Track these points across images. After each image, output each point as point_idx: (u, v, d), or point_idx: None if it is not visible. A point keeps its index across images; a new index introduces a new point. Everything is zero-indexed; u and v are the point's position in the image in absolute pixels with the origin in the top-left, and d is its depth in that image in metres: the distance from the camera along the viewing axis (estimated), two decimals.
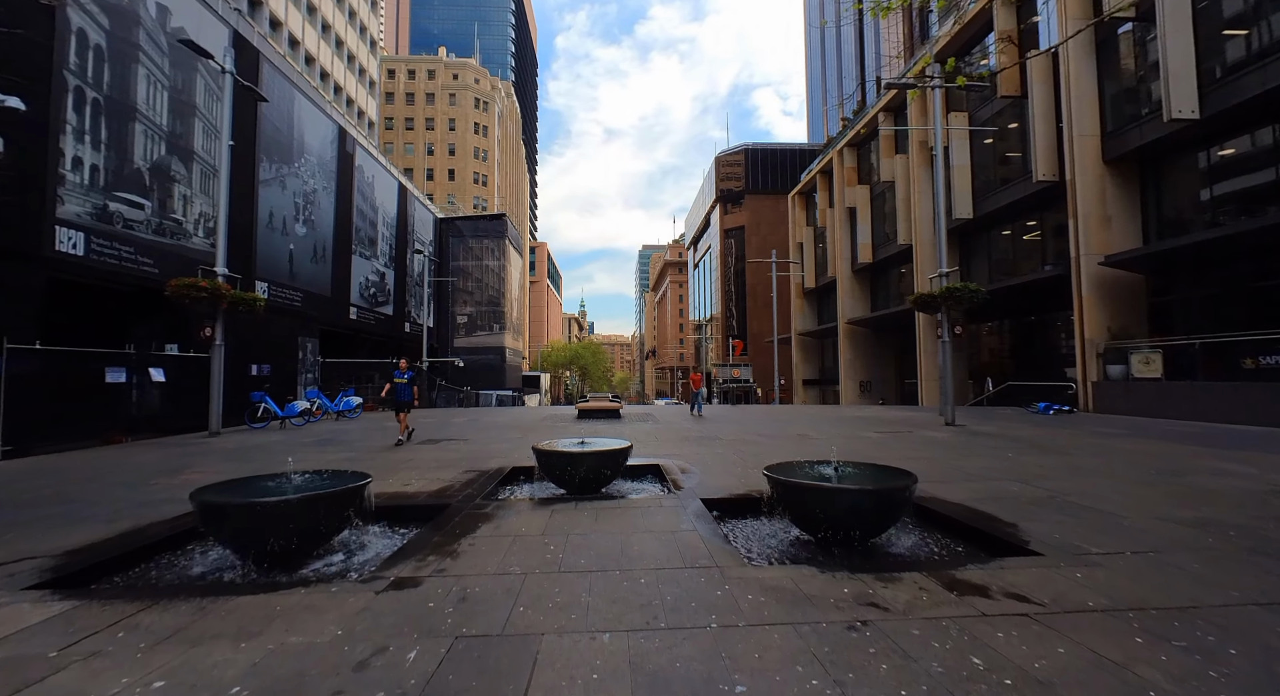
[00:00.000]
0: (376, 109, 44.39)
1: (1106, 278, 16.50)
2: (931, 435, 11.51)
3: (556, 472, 6.71)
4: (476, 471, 7.92)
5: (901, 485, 4.55)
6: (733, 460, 8.51)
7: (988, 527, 4.71)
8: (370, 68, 43.66)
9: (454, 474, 7.72)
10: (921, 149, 25.18)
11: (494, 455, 9.31)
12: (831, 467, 5.25)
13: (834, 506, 4.48)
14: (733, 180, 66.88)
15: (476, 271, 36.56)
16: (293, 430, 14.08)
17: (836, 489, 4.57)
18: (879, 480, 4.88)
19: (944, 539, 4.93)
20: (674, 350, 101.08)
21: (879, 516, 4.57)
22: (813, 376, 41.17)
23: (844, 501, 4.47)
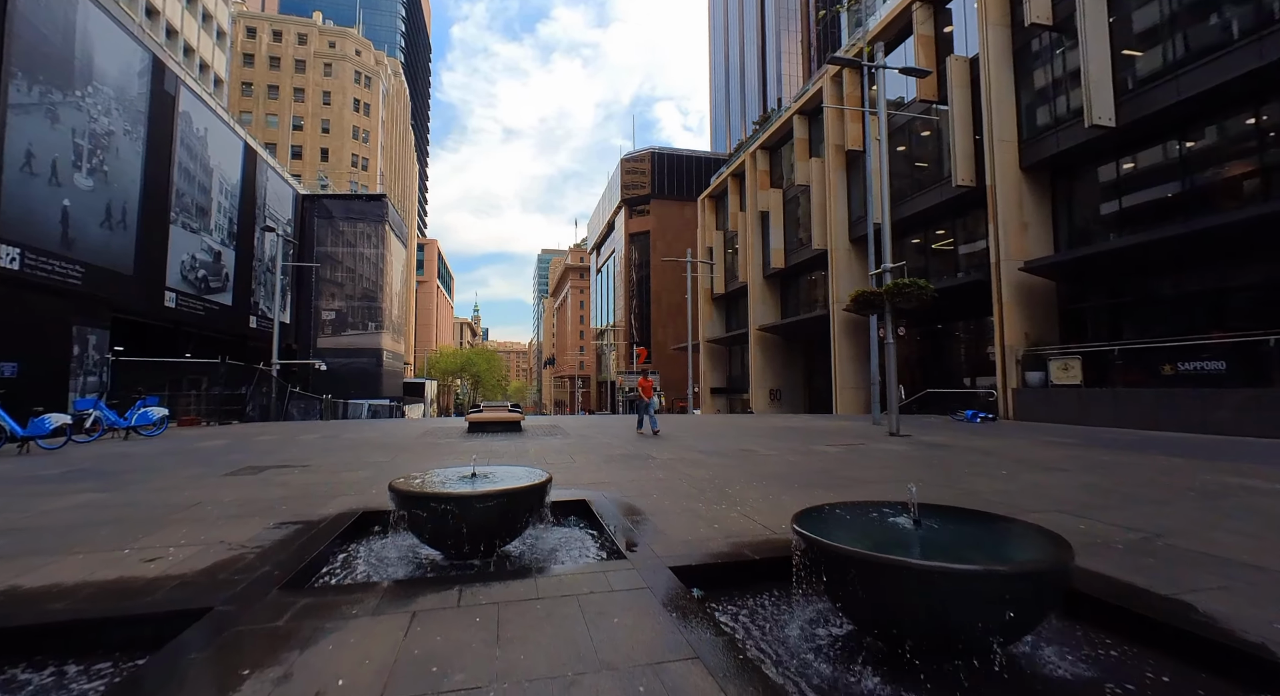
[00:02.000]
0: (226, 66, 37.39)
1: (1024, 284, 16.41)
2: (890, 448, 9.99)
3: (431, 527, 4.01)
4: (299, 522, 4.93)
5: (1055, 561, 2.43)
6: (684, 489, 6.19)
7: (1159, 615, 2.75)
8: (219, 15, 36.84)
9: (258, 529, 4.69)
10: (838, 153, 24.87)
11: (340, 491, 6.27)
12: (905, 517, 3.07)
13: (952, 602, 2.29)
14: (638, 186, 65.80)
15: (348, 260, 31.47)
16: (38, 455, 9.76)
17: (953, 571, 2.34)
18: (1001, 546, 2.77)
19: (1105, 638, 2.89)
20: (574, 358, 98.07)
21: (1022, 617, 2.44)
22: (721, 385, 40.39)
23: (974, 593, 2.28)
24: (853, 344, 24.18)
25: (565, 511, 5.57)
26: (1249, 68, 11.95)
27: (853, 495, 5.83)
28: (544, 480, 4.38)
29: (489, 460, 8.59)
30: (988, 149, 17.08)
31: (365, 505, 5.50)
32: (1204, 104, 13.13)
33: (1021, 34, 16.97)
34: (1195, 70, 12.87)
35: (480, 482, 4.52)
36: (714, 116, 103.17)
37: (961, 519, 3.08)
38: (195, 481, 6.96)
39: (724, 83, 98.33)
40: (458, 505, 3.93)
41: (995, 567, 2.30)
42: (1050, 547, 2.58)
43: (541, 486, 4.30)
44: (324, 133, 56.29)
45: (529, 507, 4.26)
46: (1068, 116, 15.61)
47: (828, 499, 5.78)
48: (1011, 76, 17.20)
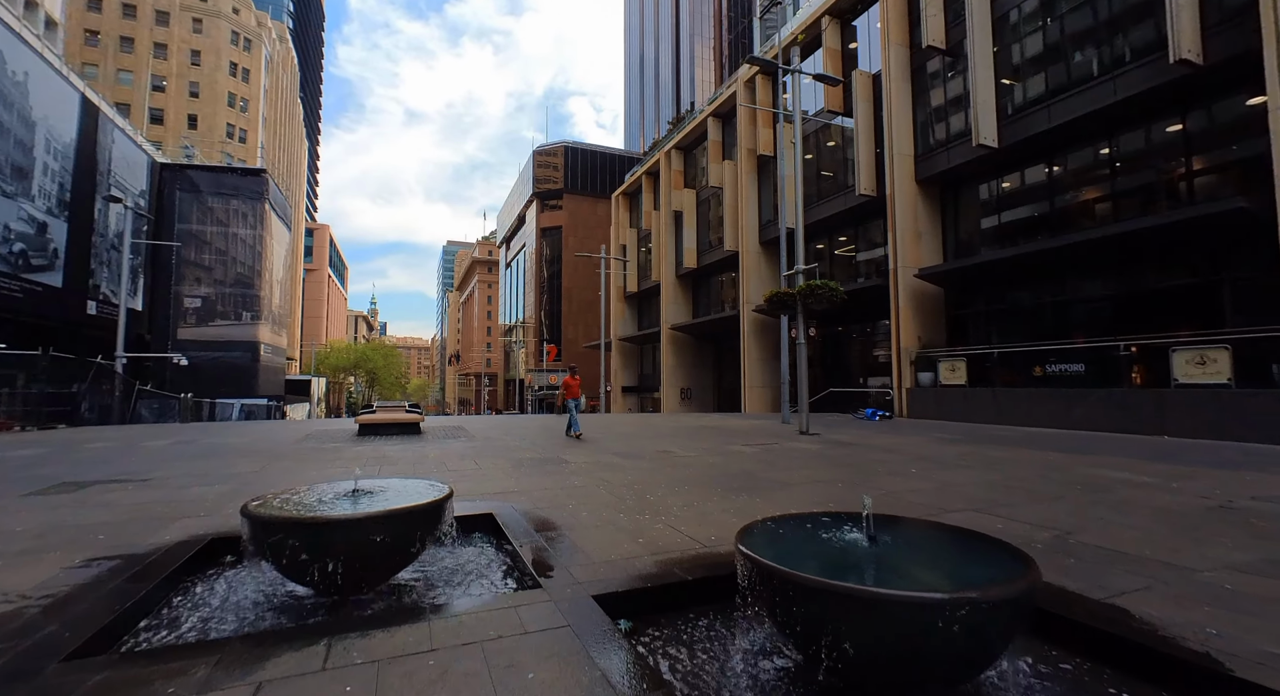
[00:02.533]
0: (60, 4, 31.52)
1: (918, 290, 17.52)
2: (804, 447, 10.09)
3: (297, 559, 3.22)
4: (119, 557, 3.89)
5: (1029, 583, 2.19)
6: (603, 498, 5.70)
7: (1103, 623, 2.65)
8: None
9: (55, 569, 3.61)
10: (750, 156, 25.45)
11: (185, 512, 5.14)
12: (859, 532, 2.77)
13: (926, 635, 2.00)
14: (551, 180, 64.36)
15: (219, 241, 27.71)
16: None
17: (929, 601, 2.03)
18: (963, 564, 2.53)
19: (1052, 651, 2.74)
20: (480, 355, 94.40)
21: (997, 644, 2.21)
22: (632, 383, 40.31)
23: (948, 624, 1.98)
24: (762, 344, 24.86)
25: (469, 527, 4.89)
26: (1105, 102, 13.40)
27: (777, 499, 5.62)
28: (442, 496, 3.70)
29: (380, 469, 7.62)
30: (888, 161, 18.07)
31: (216, 529, 4.50)
32: (1068, 133, 14.60)
33: (919, 55, 18.13)
34: (1063, 101, 14.27)
35: (365, 500, 3.76)
36: (628, 115, 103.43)
37: (916, 533, 2.82)
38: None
39: (638, 83, 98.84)
40: (331, 531, 3.18)
41: (969, 595, 2.00)
42: (1015, 564, 2.35)
43: (438, 504, 3.63)
44: (192, 97, 49.68)
45: (423, 529, 3.57)
46: (957, 135, 16.84)
47: (753, 504, 5.55)
48: (910, 94, 18.33)
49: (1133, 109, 13.35)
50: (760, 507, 5.22)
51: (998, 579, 2.24)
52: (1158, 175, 13.46)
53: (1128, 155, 14.02)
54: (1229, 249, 11.96)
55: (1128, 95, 12.92)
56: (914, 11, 18.14)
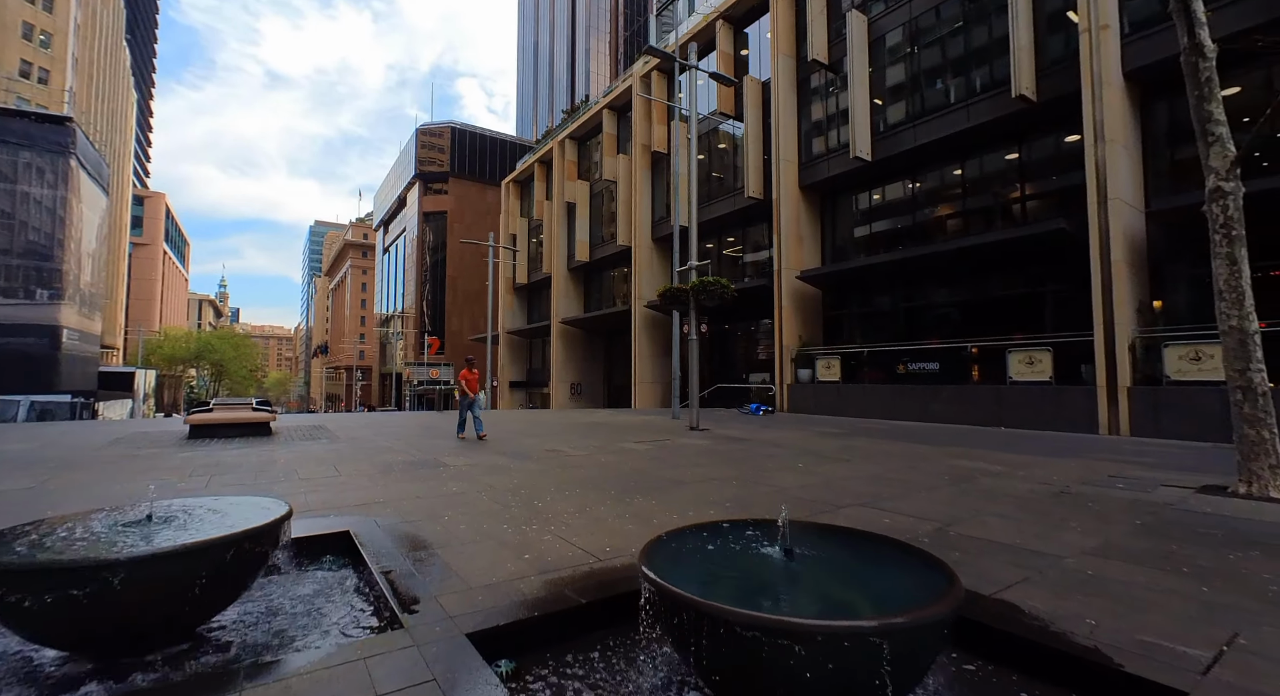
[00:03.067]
0: None
1: (799, 291, 18.46)
2: (695, 443, 10.07)
3: (48, 618, 2.36)
4: None
5: (955, 601, 2.04)
6: (484, 506, 5.10)
7: (996, 621, 2.64)
8: None
9: None
10: (644, 152, 25.44)
11: None
12: (772, 546, 2.52)
13: (853, 665, 1.77)
14: (436, 162, 60.47)
15: (2, 200, 22.39)
16: None
17: (860, 629, 1.79)
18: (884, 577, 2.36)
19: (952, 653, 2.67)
20: (353, 347, 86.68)
21: (925, 665, 2.05)
22: (520, 378, 38.96)
23: (877, 652, 1.76)
24: (653, 340, 25.01)
25: (319, 550, 4.10)
26: (959, 128, 14.89)
27: (674, 500, 5.37)
28: (270, 520, 2.94)
29: (209, 481, 6.36)
30: (774, 167, 18.84)
31: None
32: (929, 153, 16.08)
33: (805, 67, 19.07)
34: (925, 123, 15.67)
35: (161, 531, 2.90)
36: (520, 102, 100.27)
37: (832, 541, 2.61)
38: None
39: (532, 70, 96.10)
40: (90, 580, 2.34)
41: (897, 622, 1.78)
42: (934, 574, 2.20)
43: (266, 531, 2.87)
44: None
45: (243, 563, 2.81)
46: (837, 147, 17.93)
47: (648, 506, 5.25)
48: (795, 104, 19.24)
49: (981, 136, 14.95)
50: (656, 510, 4.93)
51: (920, 593, 2.06)
52: (999, 196, 15.22)
53: (976, 177, 15.70)
54: (1052, 264, 13.77)
55: (978, 123, 14.43)
56: (801, 25, 19.04)
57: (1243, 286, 5.63)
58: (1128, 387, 11.04)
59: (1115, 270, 11.20)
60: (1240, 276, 5.64)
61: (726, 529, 2.73)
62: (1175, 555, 3.75)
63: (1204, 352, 10.23)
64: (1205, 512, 4.88)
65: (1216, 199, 5.78)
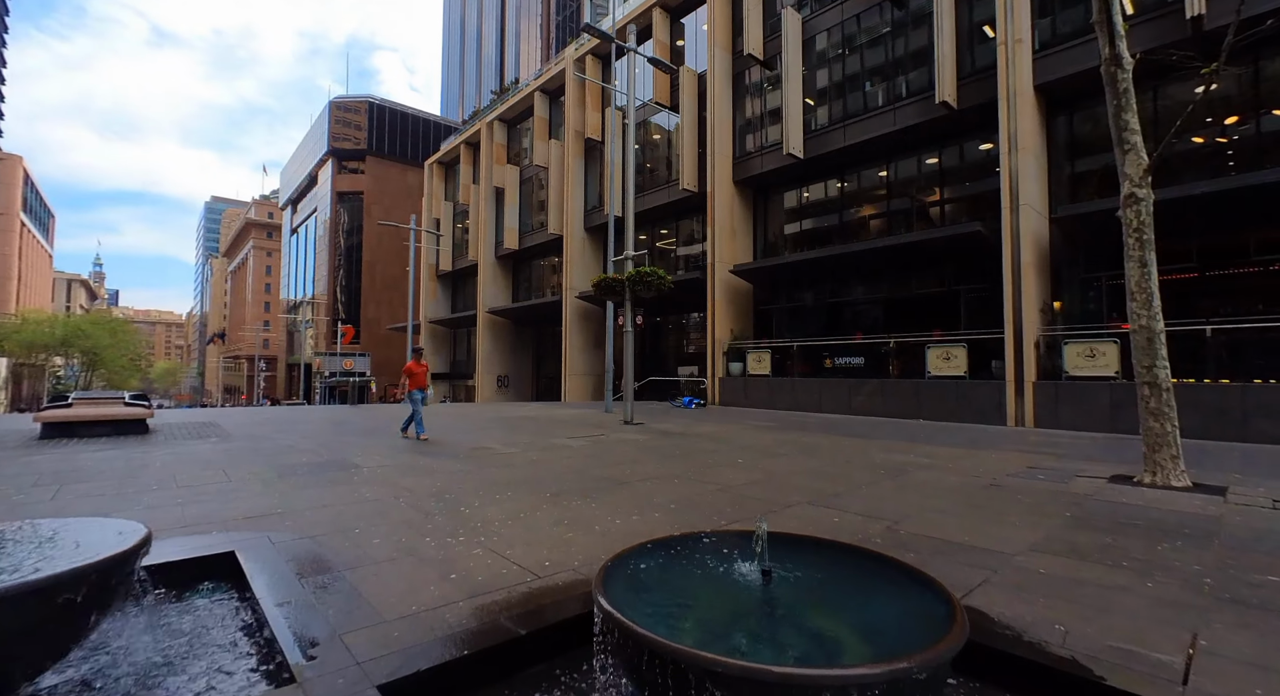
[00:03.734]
0: None
1: (732, 285, 18.57)
2: (631, 438, 9.76)
3: None
4: None
5: (958, 637, 1.81)
6: (402, 515, 4.52)
7: (979, 637, 2.50)
8: None
9: None
10: (578, 139, 24.74)
11: None
12: (747, 562, 2.21)
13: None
14: (352, 139, 56.44)
15: None
16: None
17: (865, 681, 1.52)
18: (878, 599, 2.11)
19: None
20: (255, 334, 79.73)
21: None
22: (443, 369, 37.16)
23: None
24: (584, 332, 24.50)
25: (196, 576, 3.41)
26: (886, 130, 15.42)
27: (617, 502, 5.00)
28: (119, 552, 2.29)
29: (58, 491, 5.32)
30: (709, 160, 18.81)
31: None
32: (858, 153, 16.58)
33: (740, 61, 19.13)
34: (855, 123, 16.11)
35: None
36: (445, 81, 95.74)
37: (810, 557, 2.34)
38: None
39: (458, 50, 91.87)
40: None
41: (904, 666, 1.51)
42: (931, 600, 1.96)
43: (107, 565, 2.23)
44: None
45: (78, 609, 2.16)
46: (770, 144, 18.13)
47: (588, 510, 4.85)
48: (731, 98, 19.27)
49: (906, 139, 15.55)
50: (597, 514, 4.55)
51: (916, 621, 1.81)
52: (920, 198, 15.92)
53: (900, 178, 16.34)
54: (967, 265, 14.56)
55: (904, 126, 14.98)
56: (737, 19, 19.06)
57: (1151, 288, 5.97)
58: (1033, 382, 11.82)
59: (1025, 271, 11.94)
60: (1149, 278, 5.98)
61: (692, 544, 2.40)
62: (1111, 548, 3.82)
63: (1097, 350, 11.10)
64: (1123, 503, 5.12)
65: (1130, 204, 6.10)
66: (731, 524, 4.35)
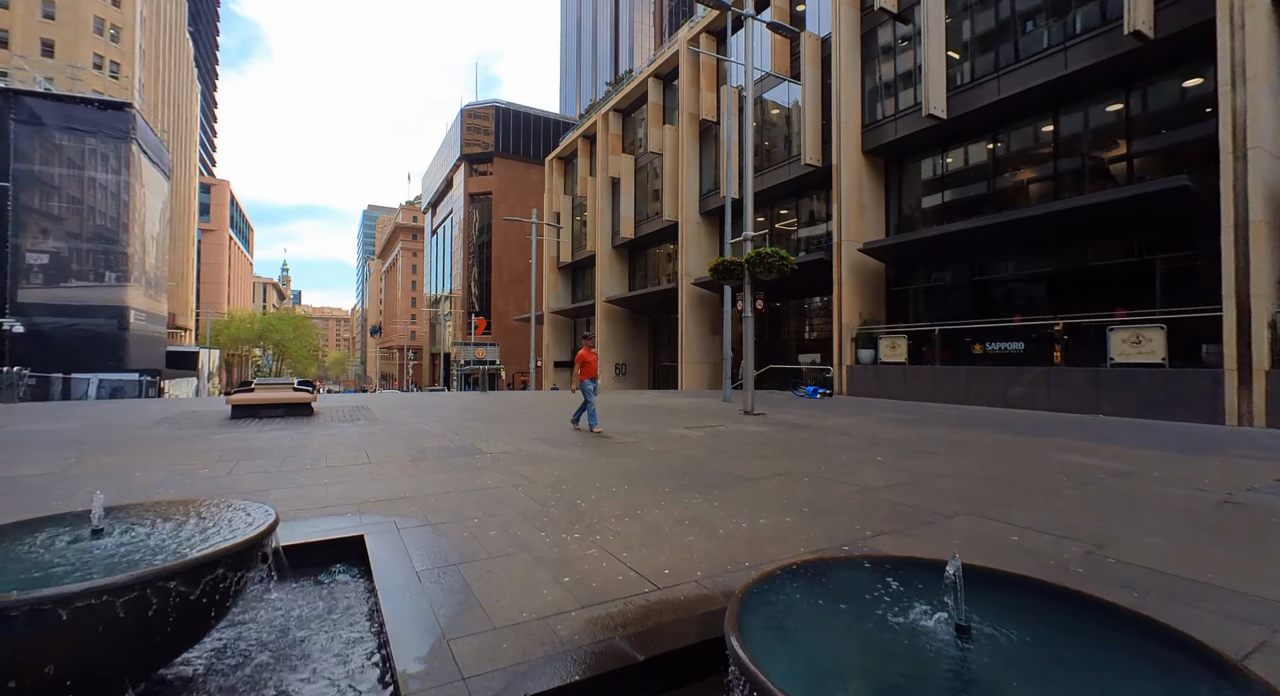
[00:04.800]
0: None
1: (860, 265, 17.07)
2: (752, 430, 9.19)
3: None
4: None
5: None
6: (520, 505, 4.42)
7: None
8: None
9: None
10: (692, 121, 24.16)
11: None
12: (941, 619, 1.64)
13: None
14: (481, 143, 60.40)
15: (71, 186, 23.30)
16: None
17: None
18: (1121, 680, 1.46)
19: None
20: (404, 327, 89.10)
21: None
22: (565, 358, 38.71)
23: None
24: (700, 319, 24.05)
25: (329, 556, 3.52)
26: (1054, 75, 13.09)
27: (739, 500, 4.54)
28: (242, 541, 2.29)
29: (235, 466, 5.95)
30: (835, 130, 17.34)
31: None
32: (1015, 106, 14.30)
33: (870, 18, 17.36)
34: (1013, 72, 13.89)
35: (110, 550, 2.30)
36: (563, 82, 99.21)
37: (1022, 604, 1.73)
38: None
39: (574, 48, 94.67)
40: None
41: None
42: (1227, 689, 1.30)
43: (232, 554, 2.22)
44: (47, 18, 42.05)
45: (209, 596, 2.17)
46: (906, 106, 16.28)
47: (710, 508, 4.43)
48: (859, 60, 17.59)
49: (1080, 84, 13.11)
50: (719, 514, 4.13)
51: None
52: (1096, 154, 13.39)
53: (1069, 133, 13.87)
54: (1164, 229, 12.01)
55: (1077, 68, 12.62)
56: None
57: None
58: (1265, 371, 9.42)
59: (1254, 233, 9.50)
60: None
61: (848, 572, 1.90)
62: None
63: None
64: None
65: None
66: (878, 536, 3.73)
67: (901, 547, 3.50)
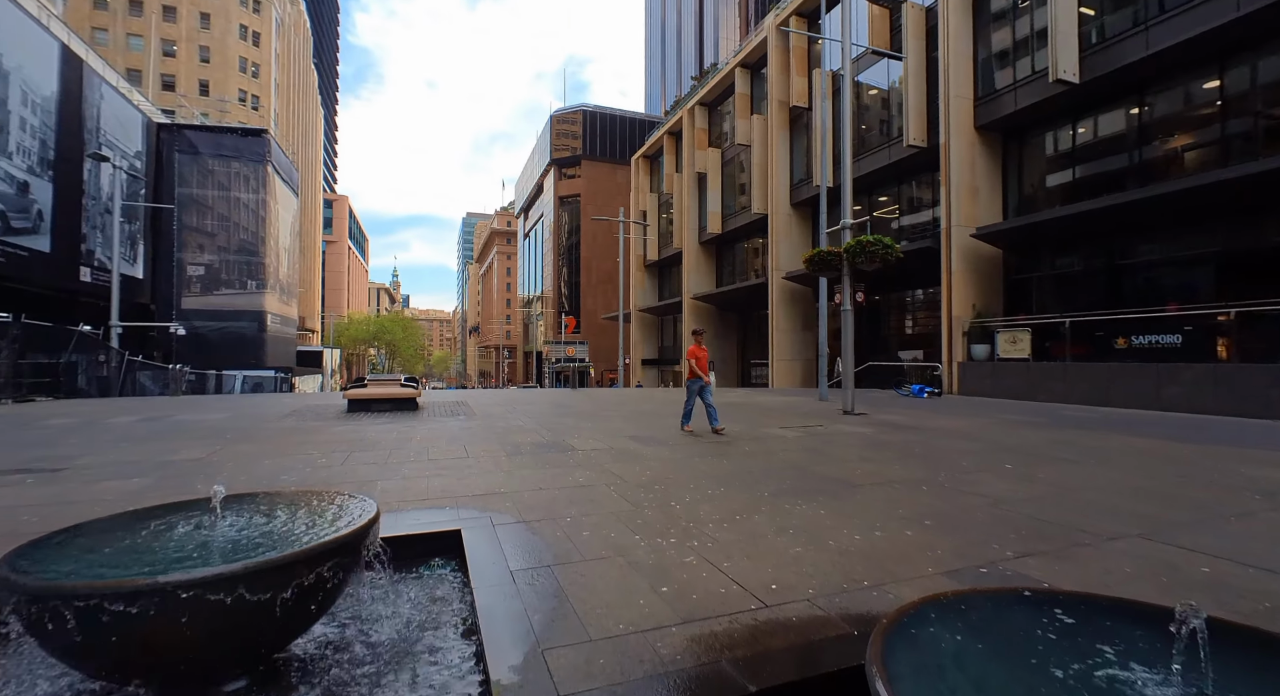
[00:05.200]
0: None
1: (974, 252, 15.59)
2: (853, 431, 8.57)
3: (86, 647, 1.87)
4: None
5: None
6: (613, 505, 4.28)
7: None
8: None
9: None
10: (781, 109, 23.27)
11: (41, 526, 3.84)
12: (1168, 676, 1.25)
13: None
14: (569, 147, 62.06)
15: (221, 205, 26.59)
16: None
17: None
18: None
19: None
20: (499, 327, 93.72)
21: None
22: (652, 356, 38.87)
23: None
24: (791, 314, 23.13)
25: (427, 550, 3.56)
26: (1223, 19, 11.16)
27: (848, 508, 4.14)
28: (348, 533, 2.29)
29: (349, 456, 6.33)
30: (942, 106, 15.94)
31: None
32: (1168, 62, 12.39)
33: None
34: (1165, 22, 12.03)
35: (220, 535, 2.39)
36: (648, 81, 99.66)
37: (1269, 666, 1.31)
38: None
39: (659, 47, 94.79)
40: (138, 606, 1.81)
41: None
42: None
43: (340, 545, 2.22)
44: (203, 62, 48.38)
45: (317, 588, 2.19)
46: (1028, 73, 14.63)
47: (816, 516, 4.05)
48: (969, 27, 16.05)
49: (1254, 30, 11.10)
50: (827, 523, 3.77)
51: None
52: (1275, 112, 11.26)
53: (1237, 89, 11.79)
54: None
55: (1256, 7, 10.66)
56: None
57: None
58: None
59: None
60: None
61: (1011, 608, 1.54)
62: None
63: None
64: None
65: None
66: (1022, 557, 3.21)
67: (1055, 574, 2.98)
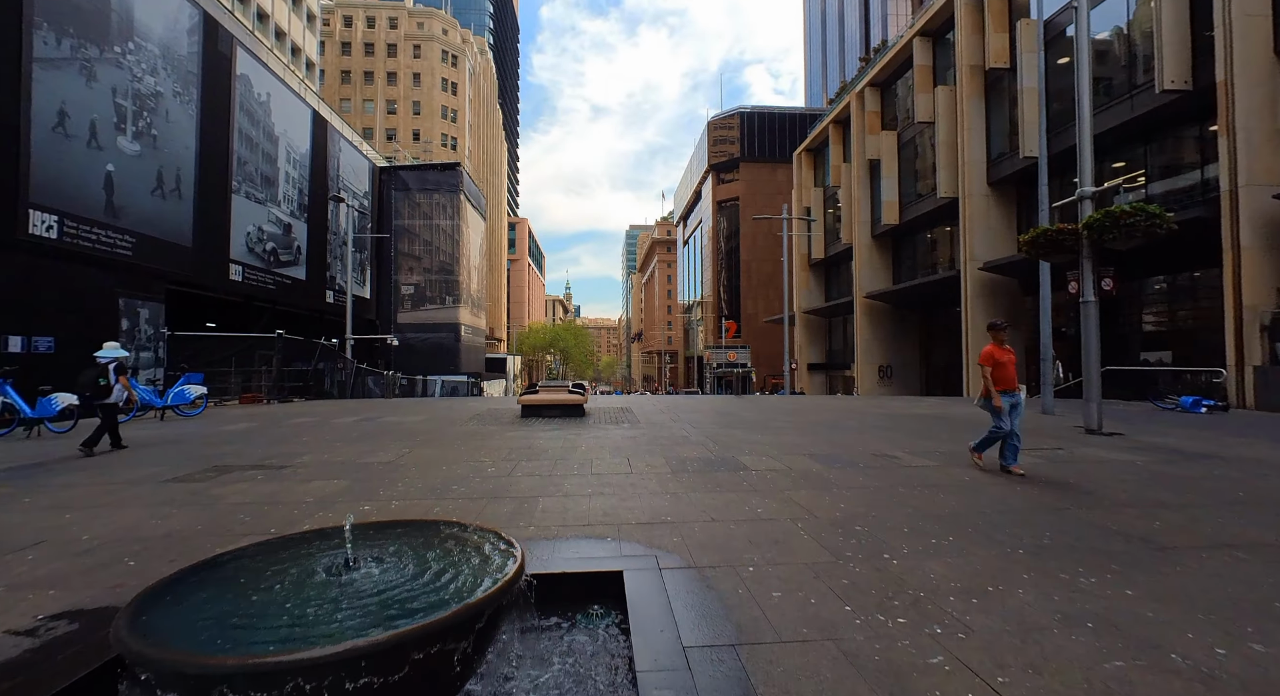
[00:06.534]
0: (317, 48, 37.44)
1: (1272, 220, 11.62)
2: (1116, 457, 6.57)
3: None
4: (67, 615, 2.76)
5: None
6: (806, 551, 3.43)
7: None
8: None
9: (28, 618, 2.49)
10: (974, 75, 20.05)
11: (268, 523, 4.14)
12: None
13: None
14: (725, 149, 61.31)
15: (425, 232, 30.61)
16: (47, 439, 8.76)
17: None
18: None
19: None
20: (661, 333, 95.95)
21: None
22: (819, 360, 36.30)
23: None
24: (989, 311, 19.69)
25: (585, 593, 3.07)
26: None
27: (1166, 585, 2.80)
28: (480, 599, 1.82)
29: (517, 465, 6.28)
30: (1219, 31, 12.17)
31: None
32: None
33: None
34: None
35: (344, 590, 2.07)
36: (808, 73, 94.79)
37: None
38: (112, 492, 5.17)
39: (820, 35, 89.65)
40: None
41: None
42: None
43: (469, 615, 1.76)
44: (415, 115, 56.83)
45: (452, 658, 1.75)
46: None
47: (1116, 594, 2.54)
48: None
49: None
50: (1149, 616, 2.51)
51: None
52: None
53: None
54: None
55: None
56: None
57: None
58: None
59: None
60: None
61: None
62: None
63: None
64: None
65: None
66: None
67: None
